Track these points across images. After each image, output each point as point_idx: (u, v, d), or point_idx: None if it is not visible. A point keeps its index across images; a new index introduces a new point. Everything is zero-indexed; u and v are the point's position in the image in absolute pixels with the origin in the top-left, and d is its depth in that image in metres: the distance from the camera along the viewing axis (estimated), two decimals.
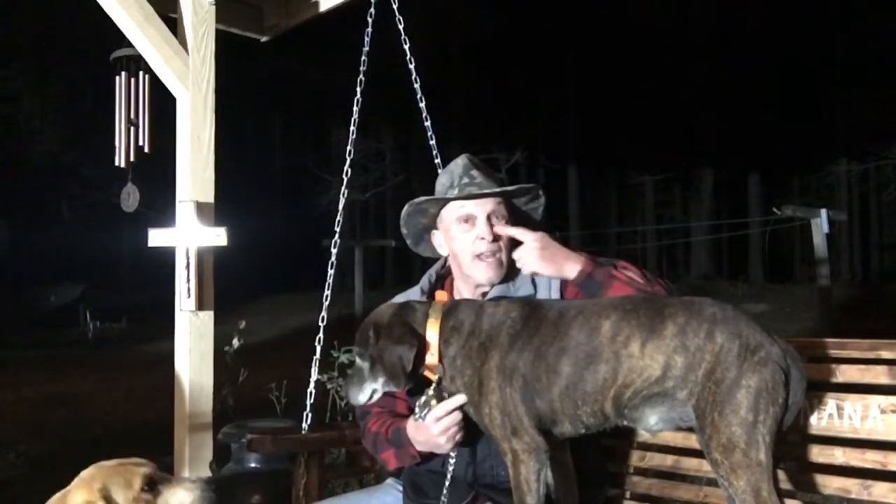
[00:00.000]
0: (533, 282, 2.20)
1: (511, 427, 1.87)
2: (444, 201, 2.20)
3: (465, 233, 2.17)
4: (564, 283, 2.19)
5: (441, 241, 2.27)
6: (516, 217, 2.24)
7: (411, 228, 2.31)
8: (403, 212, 2.26)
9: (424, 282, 2.33)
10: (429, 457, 2.14)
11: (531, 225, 2.30)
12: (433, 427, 2.00)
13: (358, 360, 2.04)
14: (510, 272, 2.20)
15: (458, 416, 2.00)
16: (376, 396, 2.04)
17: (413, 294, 2.30)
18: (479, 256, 2.15)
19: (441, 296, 2.09)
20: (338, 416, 5.08)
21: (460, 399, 1.98)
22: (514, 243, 2.18)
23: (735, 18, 21.64)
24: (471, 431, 2.09)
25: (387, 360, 1.96)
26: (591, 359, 1.83)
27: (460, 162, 2.23)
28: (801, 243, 24.50)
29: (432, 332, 1.97)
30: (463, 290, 2.26)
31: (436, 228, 2.28)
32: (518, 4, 21.89)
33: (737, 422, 1.71)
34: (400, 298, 2.25)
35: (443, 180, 2.24)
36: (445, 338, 1.96)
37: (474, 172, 2.18)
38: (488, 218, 2.15)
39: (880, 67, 20.24)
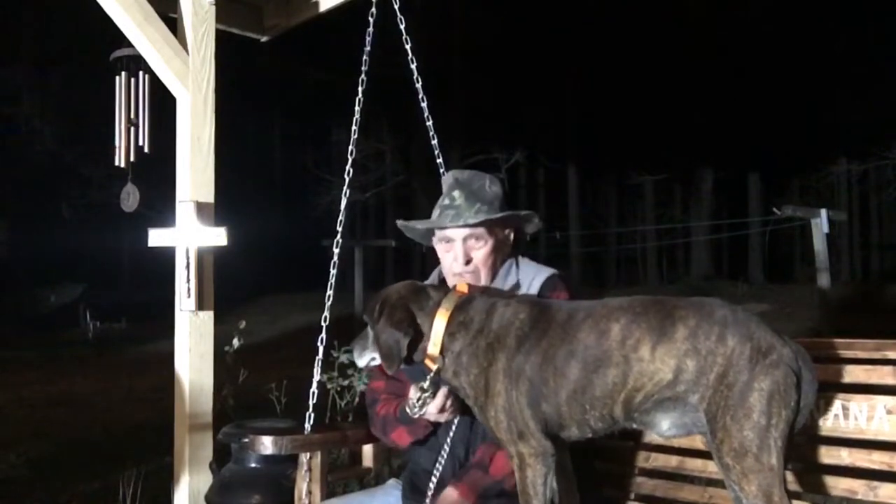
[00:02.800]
0: (519, 283, 2.26)
1: (517, 431, 1.86)
2: (422, 227, 2.30)
3: (446, 252, 2.27)
4: (546, 287, 2.22)
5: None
6: (500, 234, 2.27)
7: (414, 235, 2.41)
8: (399, 225, 2.38)
9: (434, 277, 2.41)
10: (437, 426, 2.20)
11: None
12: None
13: (367, 326, 2.09)
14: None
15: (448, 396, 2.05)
16: (373, 363, 2.10)
17: None
18: (457, 275, 2.23)
19: (462, 287, 2.09)
20: (338, 416, 5.07)
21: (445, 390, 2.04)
22: (496, 259, 2.25)
23: (735, 18, 21.63)
24: (461, 431, 2.14)
25: (383, 341, 1.98)
26: (599, 363, 1.82)
27: (448, 180, 2.29)
28: (801, 243, 24.49)
29: (440, 322, 1.96)
30: None
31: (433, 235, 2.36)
32: (518, 5, 21.87)
33: (749, 426, 1.70)
34: None
35: (442, 191, 2.31)
36: (451, 331, 1.95)
37: (455, 193, 2.23)
38: (464, 240, 2.21)
39: (881, 67, 20.23)
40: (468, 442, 2.17)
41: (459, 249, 2.21)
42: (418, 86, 2.98)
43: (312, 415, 2.50)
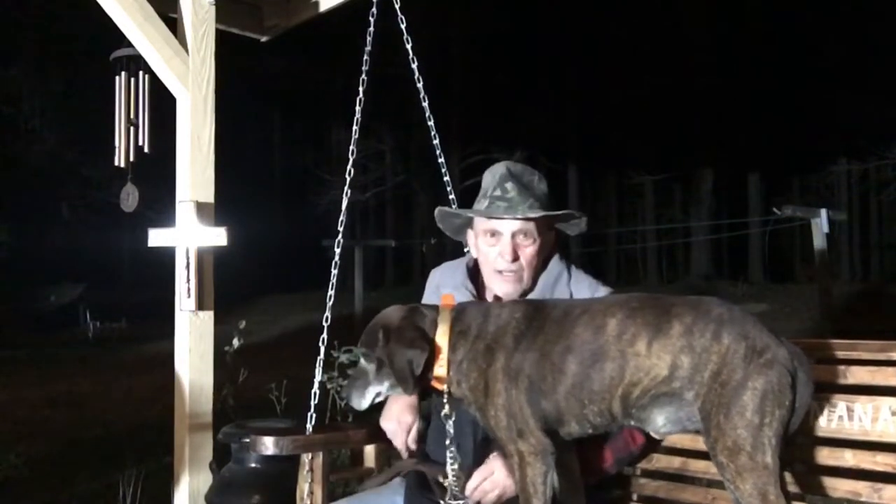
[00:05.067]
0: (571, 296, 2.20)
1: (517, 429, 1.86)
2: (471, 215, 2.23)
3: (489, 246, 2.19)
4: None
5: (472, 243, 2.31)
6: (546, 235, 2.22)
7: (448, 226, 2.35)
8: (435, 214, 2.31)
9: (469, 258, 2.36)
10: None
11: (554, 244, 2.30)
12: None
13: (363, 361, 2.01)
14: (538, 284, 2.22)
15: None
16: (378, 400, 2.02)
17: (459, 265, 2.34)
18: (499, 272, 2.18)
19: (447, 299, 2.06)
20: (338, 416, 5.07)
21: None
22: (540, 260, 2.20)
23: (735, 18, 21.63)
24: (466, 426, 2.08)
25: (396, 364, 1.92)
26: (596, 357, 1.82)
27: (499, 170, 2.22)
28: (801, 243, 24.49)
29: (442, 339, 1.94)
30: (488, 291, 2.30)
31: (471, 228, 2.30)
32: (518, 4, 21.88)
33: (742, 424, 1.70)
34: (445, 268, 2.38)
35: (485, 180, 2.24)
36: (453, 344, 1.94)
37: (508, 185, 2.16)
38: (514, 236, 2.15)
39: (881, 67, 20.22)
40: (475, 435, 2.14)
41: (507, 245, 2.14)
42: (419, 86, 2.98)
43: (314, 415, 2.49)
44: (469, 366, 1.92)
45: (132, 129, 3.73)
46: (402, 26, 2.99)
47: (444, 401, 1.98)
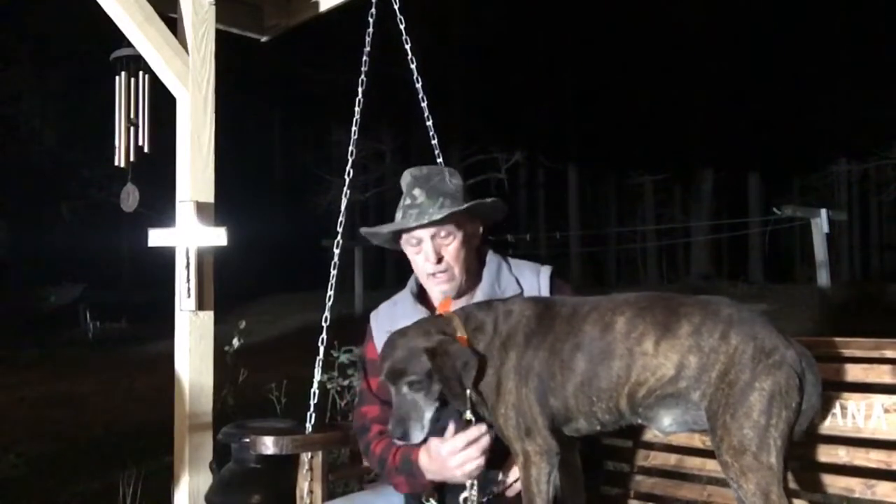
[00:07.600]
0: (518, 283, 2.21)
1: (525, 428, 1.87)
2: (387, 230, 2.22)
3: (415, 255, 2.21)
4: (554, 284, 2.21)
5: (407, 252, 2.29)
6: (468, 226, 2.20)
7: (381, 242, 2.34)
8: (363, 232, 2.30)
9: (412, 284, 2.33)
10: (442, 485, 2.08)
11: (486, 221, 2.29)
12: (450, 459, 1.95)
13: (406, 389, 1.90)
14: (477, 279, 2.22)
15: (476, 451, 1.94)
16: (433, 424, 1.94)
17: (405, 297, 2.31)
18: (431, 275, 2.18)
19: (445, 306, 2.09)
20: (338, 416, 5.08)
21: (480, 429, 1.94)
22: (468, 250, 2.18)
23: (734, 18, 21.63)
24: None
25: (452, 380, 1.86)
26: (604, 355, 1.83)
27: (405, 179, 2.22)
28: (801, 243, 24.49)
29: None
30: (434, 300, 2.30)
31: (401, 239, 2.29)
32: (518, 5, 21.89)
33: (749, 424, 1.70)
34: (392, 302, 2.31)
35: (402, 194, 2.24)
36: (470, 344, 1.92)
37: (416, 192, 2.16)
38: (433, 238, 2.16)
39: (880, 67, 20.24)
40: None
41: (429, 248, 2.14)
42: (418, 86, 2.99)
43: (313, 415, 2.51)
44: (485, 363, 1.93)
45: (132, 129, 3.73)
46: (401, 26, 3.00)
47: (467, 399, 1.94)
